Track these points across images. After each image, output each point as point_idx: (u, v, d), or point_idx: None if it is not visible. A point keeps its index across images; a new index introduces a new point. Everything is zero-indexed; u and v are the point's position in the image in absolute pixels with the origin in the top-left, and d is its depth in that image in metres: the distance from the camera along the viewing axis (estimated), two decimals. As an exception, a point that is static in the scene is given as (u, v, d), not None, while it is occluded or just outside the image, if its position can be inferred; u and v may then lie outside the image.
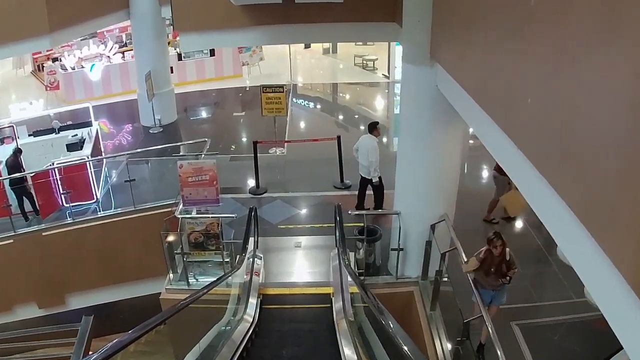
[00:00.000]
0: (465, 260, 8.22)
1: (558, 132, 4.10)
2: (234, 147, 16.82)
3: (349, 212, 10.47)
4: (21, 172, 12.54)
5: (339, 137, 13.64)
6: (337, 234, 10.30)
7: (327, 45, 26.98)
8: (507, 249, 8.04)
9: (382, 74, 23.48)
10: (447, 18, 7.61)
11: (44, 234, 12.38)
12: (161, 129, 17.79)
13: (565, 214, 3.87)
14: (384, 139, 17.52)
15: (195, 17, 10.92)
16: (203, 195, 11.11)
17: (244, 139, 17.62)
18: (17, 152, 12.73)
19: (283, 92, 14.75)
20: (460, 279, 8.56)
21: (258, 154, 13.72)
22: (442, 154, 9.23)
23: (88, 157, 13.22)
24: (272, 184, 14.05)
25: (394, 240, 10.06)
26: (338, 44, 26.83)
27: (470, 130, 10.57)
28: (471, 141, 14.19)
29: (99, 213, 13.02)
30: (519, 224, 11.99)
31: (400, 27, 9.17)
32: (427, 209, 9.54)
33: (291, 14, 10.79)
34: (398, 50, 21.09)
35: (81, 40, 21.51)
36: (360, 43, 26.85)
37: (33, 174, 12.58)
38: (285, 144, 16.09)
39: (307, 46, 27.60)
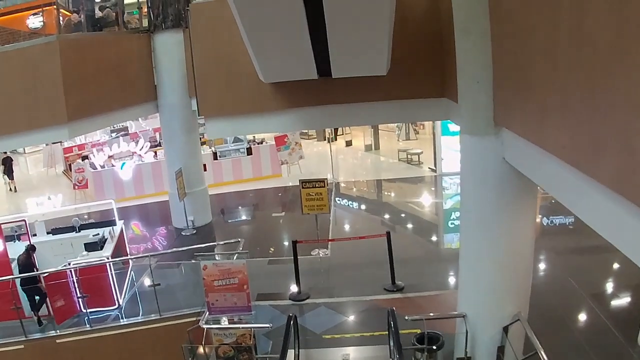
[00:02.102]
0: None
1: None
2: (272, 249, 15.85)
3: (405, 317, 9.27)
4: (33, 271, 11.89)
5: (388, 233, 12.62)
6: (391, 343, 9.25)
7: (368, 141, 26.65)
8: None
9: (429, 168, 22.74)
10: (518, 71, 6.47)
11: (57, 341, 11.55)
12: (194, 231, 17.07)
13: None
14: (434, 238, 16.60)
15: (222, 101, 10.16)
16: (232, 302, 9.91)
17: (284, 241, 16.64)
18: (30, 249, 12.10)
19: (324, 186, 13.76)
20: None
21: (299, 256, 12.72)
22: (512, 240, 8.18)
23: (108, 258, 12.35)
24: (315, 288, 12.93)
25: (459, 347, 8.94)
26: (380, 139, 26.50)
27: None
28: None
29: (121, 321, 12.11)
30: (587, 314, 10.93)
31: (452, 101, 8.47)
32: (498, 308, 8.45)
33: (329, 93, 9.96)
34: (444, 140, 20.90)
35: (112, 138, 21.31)
36: (404, 138, 26.41)
37: (46, 274, 11.84)
38: (329, 244, 15.08)
39: (348, 144, 27.41)
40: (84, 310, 11.98)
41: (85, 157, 22.48)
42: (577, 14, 4.55)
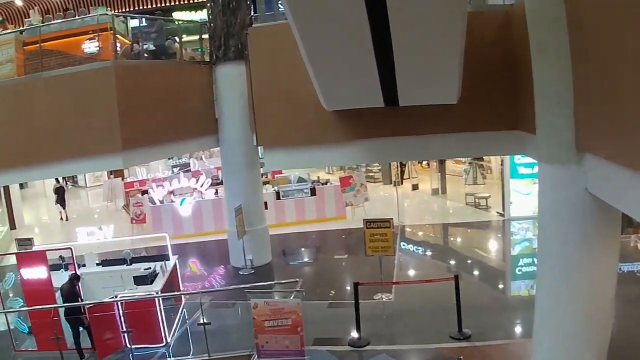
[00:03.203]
0: None
1: None
2: (333, 292, 15.27)
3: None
4: (77, 301, 11.72)
5: (456, 277, 11.93)
6: (459, 395, 8.47)
7: (435, 185, 25.98)
8: None
9: (496, 212, 21.86)
10: (605, 88, 5.87)
11: (98, 376, 11.33)
12: (252, 271, 16.62)
13: None
14: (500, 285, 15.94)
15: (281, 129, 9.79)
16: (283, 345, 9.30)
17: (346, 284, 16.02)
18: (74, 278, 11.90)
19: (390, 227, 13.16)
20: None
21: (361, 300, 12.18)
22: (594, 281, 7.61)
23: (157, 293, 11.98)
24: (376, 334, 12.26)
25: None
26: (447, 183, 25.82)
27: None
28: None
29: (167, 359, 11.72)
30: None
31: (526, 133, 8.06)
32: (576, 359, 7.90)
33: (395, 124, 9.47)
34: (513, 184, 20.26)
35: (174, 174, 21.38)
36: (471, 182, 25.79)
37: (90, 304, 11.59)
38: (393, 288, 14.40)
39: (415, 187, 26.88)
40: (129, 346, 11.68)
41: (144, 192, 22.64)
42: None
